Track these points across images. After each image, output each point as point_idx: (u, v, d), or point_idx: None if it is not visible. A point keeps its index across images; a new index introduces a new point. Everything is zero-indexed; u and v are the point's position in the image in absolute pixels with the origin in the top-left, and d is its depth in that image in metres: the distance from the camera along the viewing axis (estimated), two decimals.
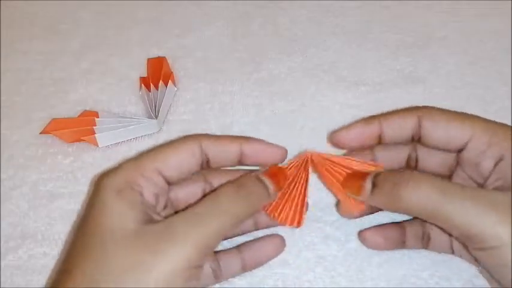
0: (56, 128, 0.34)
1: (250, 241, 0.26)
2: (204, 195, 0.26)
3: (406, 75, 0.36)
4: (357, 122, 0.26)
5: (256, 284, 0.27)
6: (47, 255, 0.28)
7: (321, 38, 0.40)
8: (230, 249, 0.26)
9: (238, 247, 0.26)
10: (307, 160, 0.26)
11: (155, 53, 0.39)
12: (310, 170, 0.26)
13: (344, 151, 0.28)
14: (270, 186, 0.24)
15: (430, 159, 0.26)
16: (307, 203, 0.26)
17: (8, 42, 0.41)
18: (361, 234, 0.27)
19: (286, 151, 0.25)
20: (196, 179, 0.26)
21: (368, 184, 0.23)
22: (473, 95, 0.35)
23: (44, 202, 0.31)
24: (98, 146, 0.33)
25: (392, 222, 0.27)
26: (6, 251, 0.29)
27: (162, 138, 0.34)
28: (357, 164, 0.26)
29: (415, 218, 0.26)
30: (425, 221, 0.25)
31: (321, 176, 0.27)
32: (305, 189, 0.26)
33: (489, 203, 0.21)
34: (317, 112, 0.35)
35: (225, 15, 0.42)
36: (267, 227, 0.27)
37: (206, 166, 0.24)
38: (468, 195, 0.21)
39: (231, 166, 0.25)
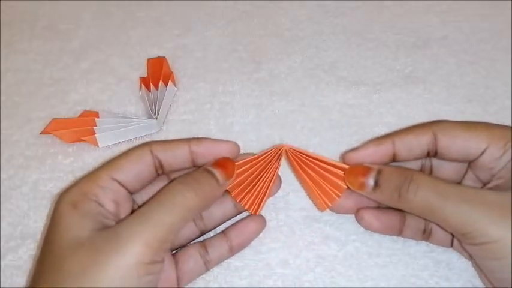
0: (56, 128, 0.34)
1: (234, 223, 0.27)
2: None
3: (406, 75, 0.36)
4: (369, 142, 0.26)
5: (256, 284, 0.27)
6: None
7: (321, 38, 0.40)
8: (216, 234, 0.27)
9: (223, 231, 0.27)
10: (280, 152, 0.27)
11: (155, 53, 0.39)
12: (282, 161, 0.27)
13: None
14: (219, 175, 0.24)
15: (444, 168, 0.27)
16: (271, 192, 0.27)
17: (8, 42, 0.41)
18: (359, 212, 0.27)
19: (237, 146, 0.26)
20: (160, 183, 0.26)
21: (370, 182, 0.25)
22: (473, 95, 0.35)
23: (44, 202, 0.31)
24: (98, 146, 0.33)
25: (395, 209, 0.26)
26: (6, 251, 0.29)
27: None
28: (330, 161, 0.26)
29: None
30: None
31: (293, 171, 0.28)
32: (271, 179, 0.26)
33: (481, 203, 0.22)
34: (317, 112, 0.35)
35: (225, 15, 0.42)
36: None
37: (162, 171, 0.25)
38: (463, 196, 0.23)
39: (186, 168, 0.26)
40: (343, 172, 0.26)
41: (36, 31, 0.42)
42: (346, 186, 0.26)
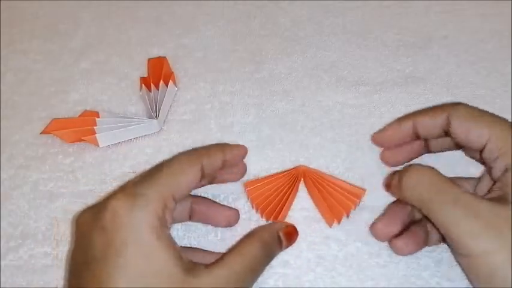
0: (56, 128, 0.34)
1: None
2: None
3: (406, 75, 0.36)
4: (392, 122, 0.29)
5: (256, 283, 0.27)
6: (48, 255, 0.28)
7: (321, 38, 0.40)
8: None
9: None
10: (299, 173, 0.30)
11: (156, 52, 0.39)
12: (302, 182, 0.30)
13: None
14: (284, 244, 0.26)
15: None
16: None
17: (8, 42, 0.41)
18: (392, 242, 0.27)
19: (246, 148, 0.29)
20: None
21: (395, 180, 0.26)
22: (474, 95, 0.35)
23: (44, 202, 0.31)
24: (98, 146, 0.33)
25: (414, 222, 0.27)
26: (7, 251, 0.29)
27: (162, 138, 0.34)
28: (341, 182, 0.29)
29: None
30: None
31: (307, 187, 0.30)
32: (292, 195, 0.29)
33: (472, 212, 0.21)
34: (317, 112, 0.35)
35: (225, 15, 0.42)
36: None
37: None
38: (458, 199, 0.22)
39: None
40: (351, 193, 0.28)
41: (36, 31, 0.42)
42: (353, 206, 0.28)
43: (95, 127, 0.33)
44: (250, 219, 0.29)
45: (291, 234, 0.27)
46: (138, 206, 0.22)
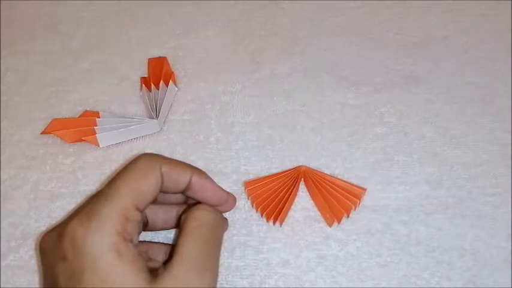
0: (56, 128, 0.34)
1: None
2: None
3: (406, 75, 0.37)
4: None
5: (257, 283, 0.27)
6: None
7: (321, 38, 0.40)
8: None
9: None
10: (299, 173, 0.30)
11: (156, 53, 0.39)
12: (302, 182, 0.30)
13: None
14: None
15: None
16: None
17: (8, 42, 0.41)
18: None
19: (232, 201, 0.27)
20: None
21: None
22: (474, 95, 0.35)
23: (45, 202, 0.31)
24: (98, 146, 0.33)
25: None
26: (8, 251, 0.29)
27: (162, 138, 0.34)
28: (342, 182, 0.29)
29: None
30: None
31: (307, 187, 0.30)
32: (293, 195, 0.29)
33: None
34: (318, 112, 0.35)
35: (225, 15, 0.42)
36: None
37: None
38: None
39: (174, 193, 0.25)
40: (351, 193, 0.29)
41: (36, 31, 0.42)
42: (353, 206, 0.28)
43: (95, 127, 0.33)
44: (251, 219, 0.29)
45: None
46: (94, 227, 0.21)
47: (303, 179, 0.30)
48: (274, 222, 0.28)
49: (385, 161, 0.31)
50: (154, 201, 0.24)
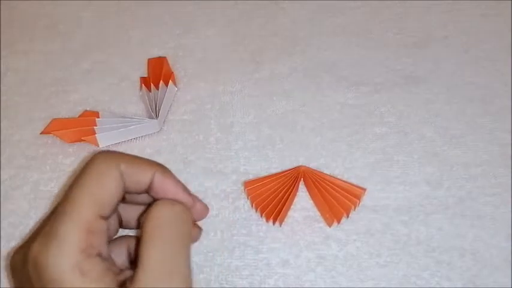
0: (56, 128, 0.34)
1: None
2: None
3: (406, 75, 0.36)
4: None
5: (257, 283, 0.27)
6: None
7: (321, 38, 0.39)
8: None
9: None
10: (299, 173, 0.30)
11: (156, 53, 0.39)
12: (301, 182, 0.30)
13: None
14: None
15: None
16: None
17: (8, 42, 0.41)
18: None
19: (202, 208, 0.23)
20: None
21: None
22: (474, 95, 0.35)
23: (45, 202, 0.31)
24: (98, 146, 0.33)
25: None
26: (7, 251, 0.29)
27: (162, 138, 0.34)
28: (341, 182, 0.29)
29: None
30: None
31: (307, 187, 0.30)
32: (293, 195, 0.29)
33: None
34: (317, 112, 0.35)
35: (225, 15, 0.42)
36: None
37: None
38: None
39: (137, 193, 0.23)
40: (351, 193, 0.29)
41: (36, 31, 0.42)
42: (353, 206, 0.28)
43: (95, 127, 0.33)
44: (250, 219, 0.29)
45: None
46: (54, 249, 0.19)
47: (302, 179, 0.30)
48: (274, 222, 0.28)
49: (385, 161, 0.31)
50: (124, 201, 0.22)
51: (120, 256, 0.23)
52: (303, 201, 0.30)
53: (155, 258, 0.20)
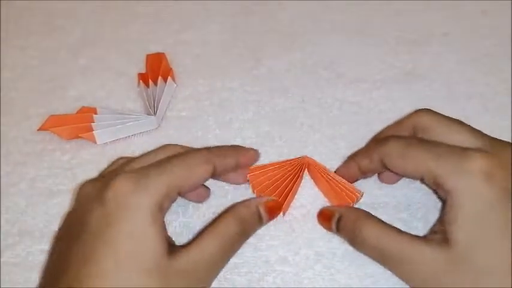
0: (53, 124, 0.33)
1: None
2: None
3: (406, 72, 0.36)
4: (341, 166, 0.29)
5: (255, 281, 0.27)
6: (45, 253, 0.28)
7: (320, 35, 0.39)
8: None
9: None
10: (304, 163, 0.29)
11: (154, 48, 0.39)
12: (306, 172, 0.29)
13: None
14: (265, 220, 0.27)
15: None
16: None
17: (5, 38, 0.41)
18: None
19: (258, 152, 0.29)
20: None
21: (333, 226, 0.27)
22: (474, 92, 0.35)
23: (42, 199, 0.31)
24: (96, 142, 0.33)
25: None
26: (5, 248, 0.29)
27: (160, 135, 0.34)
28: (342, 180, 0.28)
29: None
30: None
31: (312, 176, 0.30)
32: (297, 184, 0.28)
33: (414, 259, 0.22)
34: (317, 109, 0.34)
35: (224, 11, 0.42)
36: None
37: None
38: (402, 249, 0.23)
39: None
40: (350, 191, 0.28)
41: (33, 27, 0.42)
42: (358, 195, 0.28)
43: (92, 124, 0.33)
44: None
45: (272, 208, 0.27)
46: (142, 188, 0.22)
47: (307, 169, 0.30)
48: (283, 213, 0.28)
49: None
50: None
51: None
52: (301, 198, 0.30)
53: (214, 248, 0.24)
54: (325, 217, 0.27)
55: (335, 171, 0.29)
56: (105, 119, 0.33)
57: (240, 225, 0.25)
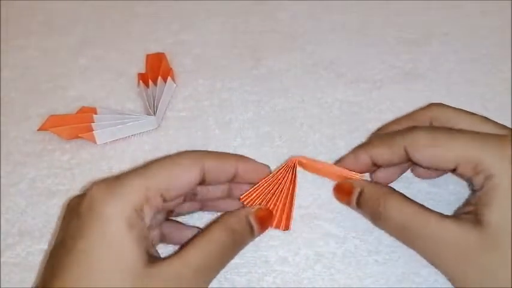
0: (53, 124, 0.33)
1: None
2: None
3: (406, 72, 0.36)
4: (347, 154, 0.27)
5: (255, 281, 0.27)
6: (45, 253, 0.28)
7: (320, 35, 0.39)
8: None
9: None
10: (294, 164, 0.27)
11: (154, 48, 0.39)
12: (297, 173, 0.27)
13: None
14: (256, 231, 0.25)
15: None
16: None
17: (5, 38, 0.41)
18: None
19: (268, 168, 0.27)
20: None
21: (353, 201, 0.26)
22: (474, 92, 0.35)
23: (42, 199, 0.31)
24: (96, 142, 0.33)
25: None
26: (4, 248, 0.29)
27: (160, 135, 0.34)
28: (340, 169, 0.27)
29: None
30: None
31: (308, 168, 0.28)
32: (292, 193, 0.26)
33: (439, 237, 0.22)
34: (317, 109, 0.34)
35: (224, 11, 0.42)
36: None
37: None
38: (426, 226, 0.23)
39: (221, 184, 0.26)
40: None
41: (33, 27, 0.42)
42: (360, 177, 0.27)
43: (92, 124, 0.33)
44: None
45: (263, 219, 0.25)
46: (115, 194, 0.21)
47: (302, 167, 0.28)
48: (284, 229, 0.26)
49: None
50: (192, 199, 0.25)
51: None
52: (299, 199, 0.29)
53: (204, 260, 0.22)
54: (344, 191, 0.26)
55: (337, 162, 0.27)
56: (105, 119, 0.33)
57: (229, 236, 0.23)
